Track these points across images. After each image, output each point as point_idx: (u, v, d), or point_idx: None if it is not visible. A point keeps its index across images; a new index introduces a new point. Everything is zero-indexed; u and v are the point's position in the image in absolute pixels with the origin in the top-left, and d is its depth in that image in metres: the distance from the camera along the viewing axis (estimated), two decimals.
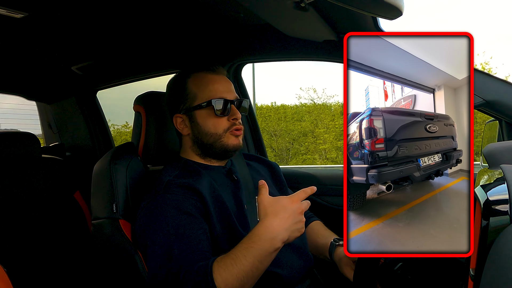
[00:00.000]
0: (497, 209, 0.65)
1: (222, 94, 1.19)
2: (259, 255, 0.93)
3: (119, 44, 1.73)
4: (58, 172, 1.86)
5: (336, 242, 1.23)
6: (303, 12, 1.15)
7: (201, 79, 1.21)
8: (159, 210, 1.06)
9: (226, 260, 0.94)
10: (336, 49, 1.52)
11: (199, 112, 1.19)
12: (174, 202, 1.06)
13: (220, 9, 1.40)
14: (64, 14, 1.35)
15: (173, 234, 1.01)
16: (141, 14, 1.41)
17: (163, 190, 1.09)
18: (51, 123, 2.43)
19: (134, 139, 1.37)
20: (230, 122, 1.19)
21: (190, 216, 1.04)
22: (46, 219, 1.75)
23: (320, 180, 1.80)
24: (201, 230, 1.04)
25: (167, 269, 0.97)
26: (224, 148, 1.20)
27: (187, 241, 1.00)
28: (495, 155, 0.95)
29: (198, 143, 1.21)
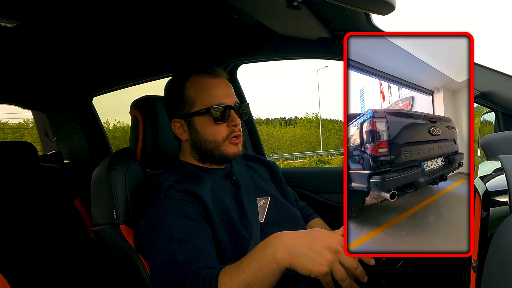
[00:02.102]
0: (496, 199, 0.65)
1: (221, 99, 1.17)
2: (261, 264, 0.87)
3: (113, 50, 1.73)
4: (57, 180, 1.85)
5: None
6: (296, 11, 1.16)
7: (200, 84, 1.18)
8: (161, 216, 1.05)
9: (232, 269, 0.90)
10: (330, 46, 1.52)
11: (198, 119, 1.17)
12: (176, 207, 1.05)
13: (213, 10, 1.40)
14: (56, 22, 1.35)
15: (177, 240, 0.99)
16: (134, 18, 1.41)
17: (165, 196, 1.08)
18: (47, 131, 2.43)
19: (132, 144, 1.36)
20: (229, 128, 1.17)
21: (193, 221, 1.03)
22: (46, 227, 1.74)
23: (319, 178, 1.80)
24: (205, 235, 1.03)
25: (173, 275, 0.95)
26: (223, 156, 1.19)
27: (191, 246, 0.98)
28: (492, 146, 0.95)
29: (197, 149, 1.20)
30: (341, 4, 0.99)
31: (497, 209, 0.62)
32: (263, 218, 1.20)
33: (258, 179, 1.31)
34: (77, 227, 1.84)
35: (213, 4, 1.32)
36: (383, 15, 1.08)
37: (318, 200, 1.75)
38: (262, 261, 0.87)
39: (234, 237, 1.09)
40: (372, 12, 1.14)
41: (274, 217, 1.21)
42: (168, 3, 1.30)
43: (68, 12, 1.28)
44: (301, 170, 1.94)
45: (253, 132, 2.00)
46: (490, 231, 0.58)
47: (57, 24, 1.37)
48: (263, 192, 1.26)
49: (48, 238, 1.73)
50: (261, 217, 1.20)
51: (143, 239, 1.07)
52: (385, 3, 0.99)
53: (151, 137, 1.32)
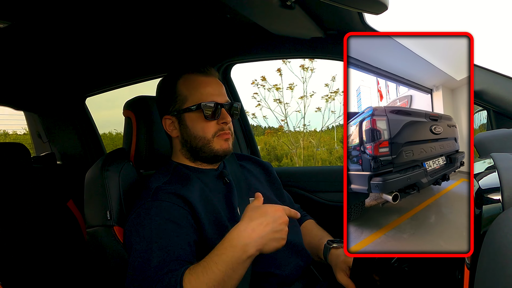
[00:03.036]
0: (489, 197, 0.66)
1: (213, 97, 1.17)
2: (231, 263, 0.89)
3: (106, 50, 1.72)
4: (50, 181, 1.84)
5: (330, 245, 1.21)
6: (289, 10, 1.16)
7: (191, 81, 1.19)
8: (144, 217, 1.04)
9: (197, 268, 0.90)
10: (324, 46, 1.52)
11: (189, 115, 1.18)
12: (160, 210, 1.04)
13: (206, 10, 1.39)
14: (49, 22, 1.34)
15: (155, 242, 0.98)
16: (128, 18, 1.40)
17: (151, 198, 1.08)
18: (40, 132, 2.41)
19: (125, 145, 1.36)
20: (219, 125, 1.17)
21: (176, 225, 1.03)
22: (40, 229, 1.73)
23: (314, 176, 1.80)
24: (185, 240, 1.01)
25: (142, 280, 0.94)
26: (213, 153, 1.18)
27: (168, 249, 0.97)
28: (485, 144, 0.96)
29: (187, 146, 1.20)
30: (334, 4, 0.99)
31: (490, 206, 0.63)
32: None
33: (252, 179, 1.31)
34: (70, 229, 1.82)
35: (207, 4, 1.32)
36: (376, 14, 1.09)
37: (313, 199, 1.75)
38: (232, 259, 0.89)
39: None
40: (365, 11, 1.14)
41: None
42: (161, 3, 1.30)
43: (61, 12, 1.27)
44: (296, 169, 1.94)
45: (248, 132, 2.00)
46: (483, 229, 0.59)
47: (50, 24, 1.36)
48: (256, 192, 1.26)
49: (41, 239, 1.72)
50: None
51: (126, 238, 1.08)
52: (378, 2, 0.99)
53: (145, 137, 1.31)
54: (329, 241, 1.23)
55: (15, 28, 1.32)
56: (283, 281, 1.12)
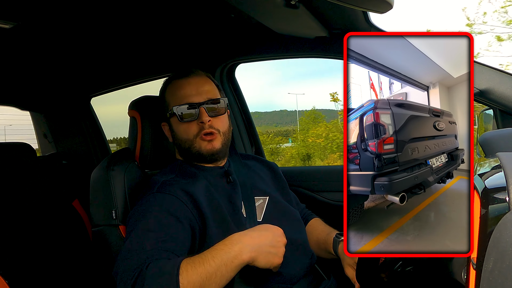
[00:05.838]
0: (495, 197, 0.65)
1: (188, 98, 1.18)
2: (226, 259, 0.93)
3: (112, 50, 1.73)
4: (55, 181, 1.84)
5: (339, 238, 1.23)
6: (294, 10, 1.15)
7: (172, 87, 1.24)
8: (146, 206, 1.06)
9: (195, 259, 0.93)
10: (329, 45, 1.52)
11: (172, 120, 1.22)
12: (163, 201, 1.06)
13: (211, 10, 1.39)
14: (54, 22, 1.35)
15: (152, 231, 0.99)
16: (132, 18, 1.41)
17: (157, 190, 1.10)
18: (46, 132, 2.42)
19: (130, 144, 1.36)
20: (199, 125, 1.18)
21: (175, 219, 1.03)
22: (45, 229, 1.74)
23: (318, 176, 1.80)
24: (182, 235, 1.02)
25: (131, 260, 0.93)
26: (198, 153, 1.19)
27: (163, 239, 0.98)
28: (491, 143, 0.95)
29: (179, 149, 1.24)
30: (339, 3, 0.99)
31: (496, 206, 0.63)
32: (261, 217, 1.21)
33: (257, 179, 1.31)
34: (76, 228, 1.83)
35: (211, 4, 1.32)
36: (381, 13, 1.08)
37: (317, 199, 1.75)
38: (228, 256, 0.93)
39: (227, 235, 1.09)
40: (370, 10, 1.14)
41: (273, 216, 1.22)
42: (166, 3, 1.30)
43: (66, 12, 1.27)
44: (301, 169, 1.94)
45: (252, 131, 1.99)
46: (489, 228, 0.58)
47: (55, 25, 1.37)
48: (261, 192, 1.26)
49: (47, 239, 1.73)
50: (259, 216, 1.20)
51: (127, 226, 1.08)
52: (383, 1, 0.99)
53: (150, 137, 1.31)
54: (338, 234, 1.24)
55: (21, 29, 1.33)
56: (288, 279, 1.13)
